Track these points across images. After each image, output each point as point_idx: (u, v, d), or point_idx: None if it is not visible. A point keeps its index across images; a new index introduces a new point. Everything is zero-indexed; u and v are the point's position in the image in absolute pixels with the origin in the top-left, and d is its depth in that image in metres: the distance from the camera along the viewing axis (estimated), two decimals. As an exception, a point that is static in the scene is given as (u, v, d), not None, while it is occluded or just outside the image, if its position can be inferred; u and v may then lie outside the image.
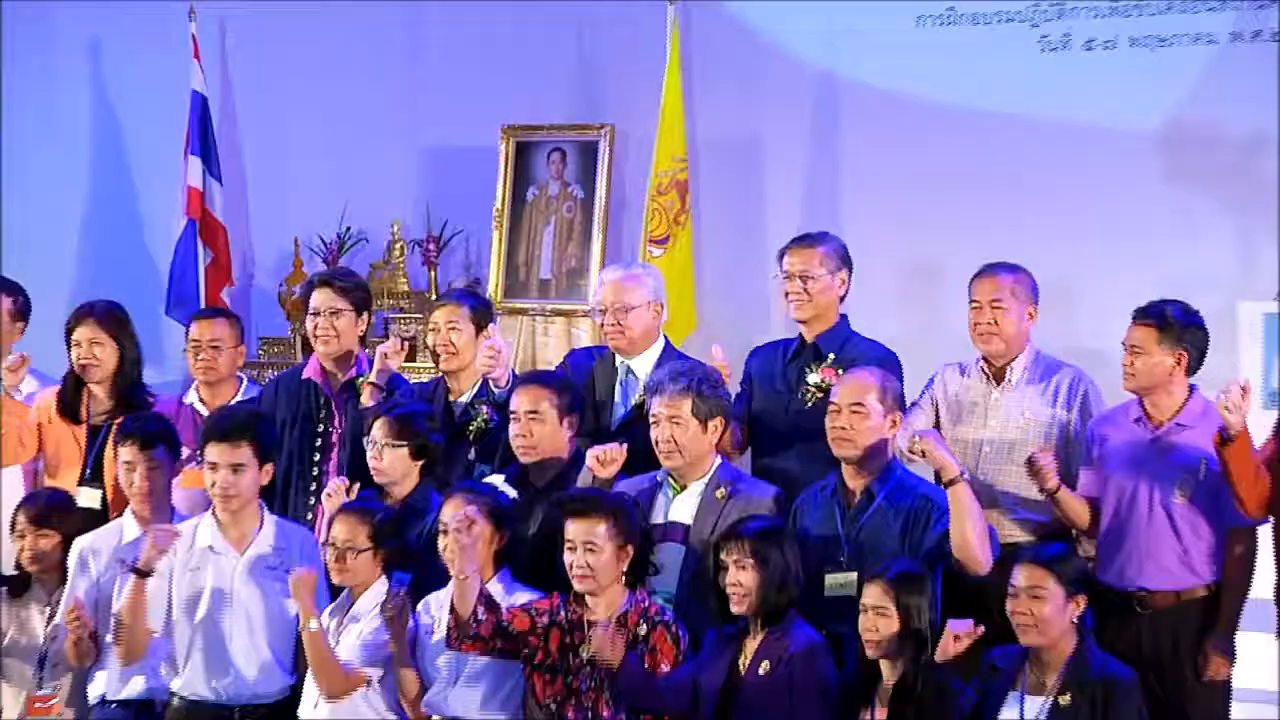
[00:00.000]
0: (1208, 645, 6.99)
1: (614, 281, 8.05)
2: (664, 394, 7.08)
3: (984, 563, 6.74)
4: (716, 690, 6.60)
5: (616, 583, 6.67)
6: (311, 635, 6.71)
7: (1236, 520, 7.07)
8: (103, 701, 7.22)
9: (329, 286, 8.13)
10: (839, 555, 6.80)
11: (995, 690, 6.38)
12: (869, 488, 6.89)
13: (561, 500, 6.92)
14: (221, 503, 7.05)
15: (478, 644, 6.60)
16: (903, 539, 6.80)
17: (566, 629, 6.66)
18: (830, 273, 7.75)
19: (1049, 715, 6.25)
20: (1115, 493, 7.16)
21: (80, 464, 8.03)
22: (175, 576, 7.05)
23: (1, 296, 8.61)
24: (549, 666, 6.65)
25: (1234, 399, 6.64)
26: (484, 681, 6.85)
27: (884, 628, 6.34)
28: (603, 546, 6.62)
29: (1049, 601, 6.30)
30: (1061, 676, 6.30)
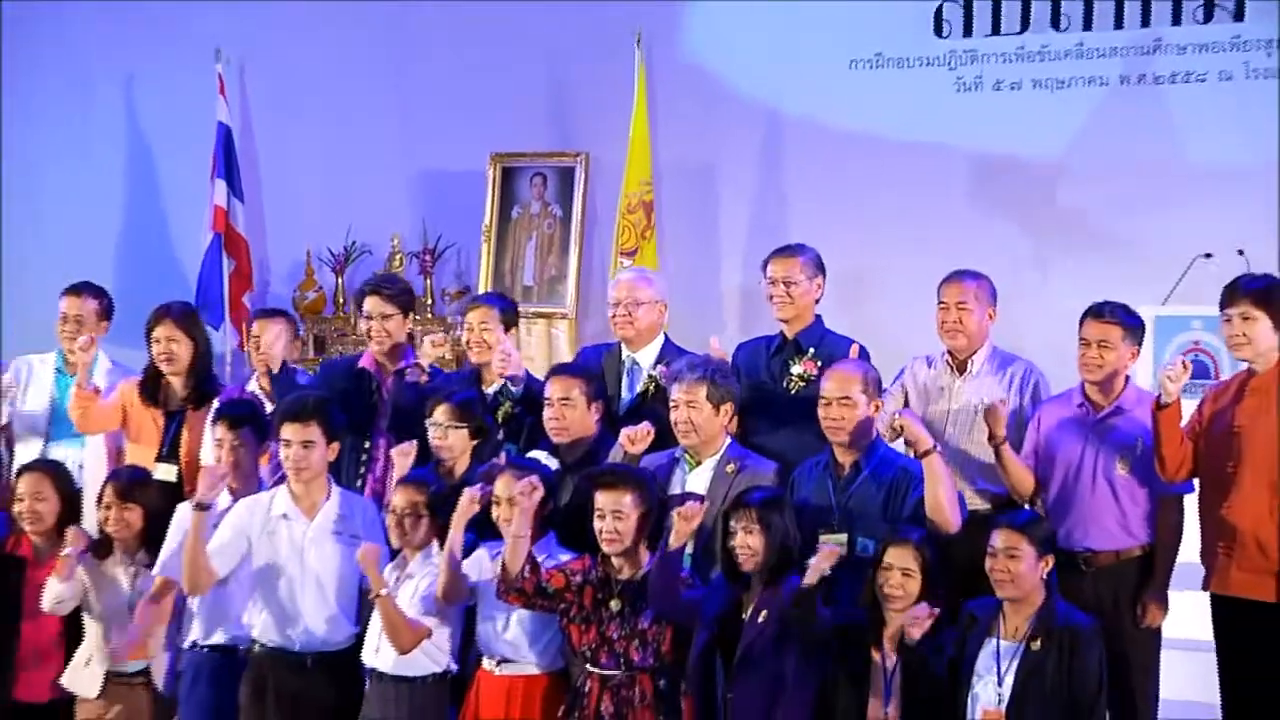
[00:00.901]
0: (1145, 597, 6.99)
1: (627, 280, 8.05)
2: (682, 382, 7.06)
3: (954, 523, 6.76)
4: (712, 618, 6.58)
5: (640, 545, 6.62)
6: (382, 600, 6.65)
7: (1167, 490, 7.08)
8: (193, 646, 7.15)
9: (378, 294, 8.03)
10: (831, 520, 6.79)
11: (974, 637, 6.35)
12: (856, 462, 6.88)
13: (593, 474, 6.87)
14: (294, 475, 6.99)
15: (519, 598, 6.57)
16: (885, 505, 6.80)
17: (598, 586, 6.62)
18: (809, 278, 7.72)
19: (1022, 657, 6.23)
20: (1063, 467, 7.14)
21: (158, 443, 7.95)
22: (254, 539, 6.98)
23: (89, 299, 8.50)
24: (583, 618, 6.62)
25: (1176, 371, 6.68)
26: (528, 628, 6.80)
27: (910, 587, 6.32)
28: (628, 514, 6.57)
29: (1023, 560, 6.28)
30: (1032, 624, 6.28)
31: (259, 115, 12.76)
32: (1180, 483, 7.05)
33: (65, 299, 8.51)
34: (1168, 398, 6.74)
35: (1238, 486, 6.78)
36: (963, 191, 11.40)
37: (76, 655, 7.26)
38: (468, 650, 7.03)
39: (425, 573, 6.81)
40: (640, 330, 7.87)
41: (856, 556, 6.68)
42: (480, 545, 6.93)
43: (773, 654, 6.45)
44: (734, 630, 6.55)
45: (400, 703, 6.85)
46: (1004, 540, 6.30)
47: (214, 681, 7.13)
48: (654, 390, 7.66)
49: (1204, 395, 7.11)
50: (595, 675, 6.61)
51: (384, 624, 6.70)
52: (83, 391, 8.13)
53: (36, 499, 7.32)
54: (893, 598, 6.34)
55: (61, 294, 8.56)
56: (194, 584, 6.93)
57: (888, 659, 6.38)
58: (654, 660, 6.57)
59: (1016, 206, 11.21)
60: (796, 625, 6.38)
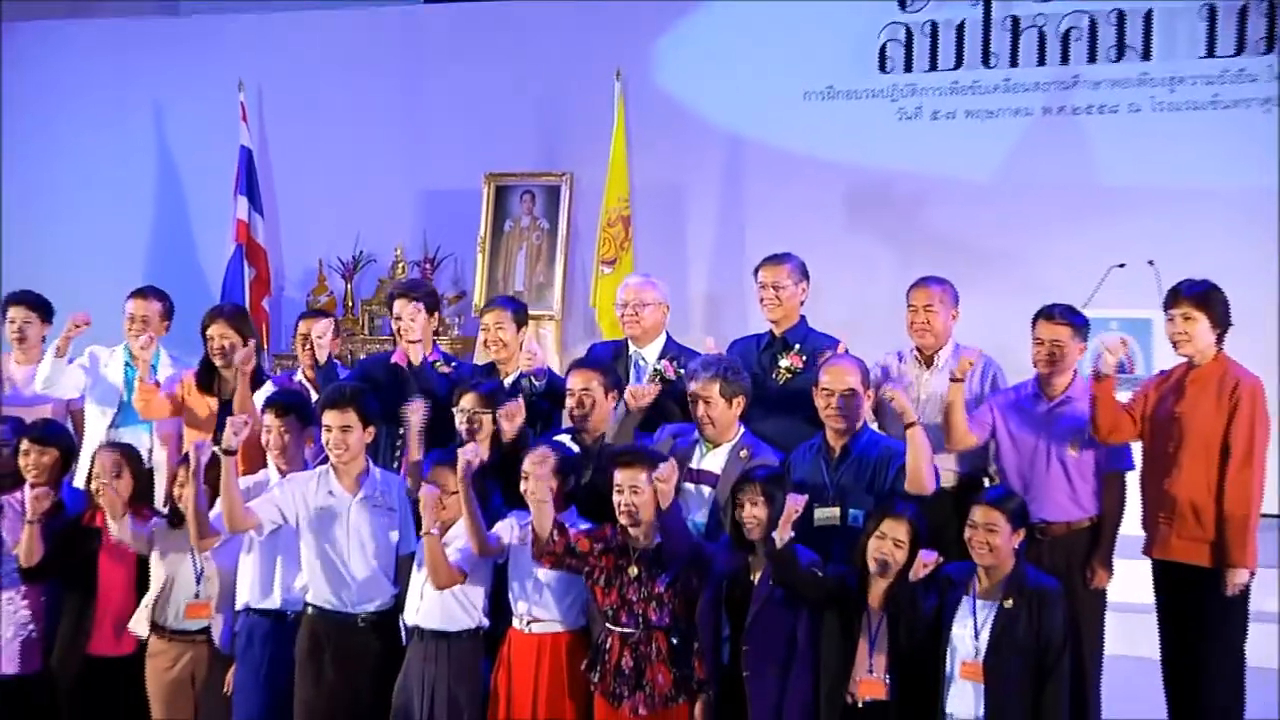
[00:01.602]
0: (1094, 561, 7.03)
1: (634, 285, 8.02)
2: (699, 379, 7.05)
3: (929, 488, 6.79)
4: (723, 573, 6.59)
5: (652, 517, 6.58)
6: (430, 538, 6.61)
7: (1111, 468, 7.13)
8: (247, 610, 7.12)
9: (406, 297, 7.97)
10: (825, 496, 6.78)
11: (952, 599, 6.35)
12: (846, 445, 6.87)
13: (613, 454, 6.83)
14: (334, 456, 6.95)
15: (550, 559, 6.56)
16: (871, 481, 6.80)
17: (617, 553, 6.59)
18: (794, 283, 7.72)
19: (996, 615, 6.24)
20: (1020, 449, 7.15)
21: (212, 428, 7.89)
22: (301, 514, 6.94)
23: (153, 300, 8.44)
24: (606, 581, 6.59)
25: (1113, 344, 6.80)
26: (554, 591, 6.80)
27: (900, 556, 6.32)
28: (644, 489, 6.51)
29: (1000, 533, 6.28)
30: (1004, 586, 6.28)
31: (275, 139, 12.74)
32: (1112, 445, 7.09)
33: (132, 301, 8.40)
34: (1106, 369, 6.84)
35: (1178, 465, 6.82)
36: (902, 209, 11.51)
37: (143, 602, 7.20)
38: (497, 612, 6.98)
39: (461, 537, 6.78)
40: (645, 329, 7.85)
41: (848, 526, 6.70)
42: (509, 514, 6.90)
43: (785, 614, 6.47)
44: (743, 592, 6.56)
45: (439, 657, 6.82)
46: (983, 516, 6.31)
47: (266, 642, 7.07)
48: (659, 382, 7.60)
49: (1148, 381, 7.17)
50: (616, 633, 6.59)
51: (427, 561, 6.66)
52: (144, 384, 8.06)
53: (112, 477, 7.26)
54: (884, 563, 6.35)
55: (128, 296, 8.45)
56: (230, 522, 6.88)
57: (874, 615, 6.38)
58: (669, 620, 6.55)
59: (951, 221, 11.32)
60: (778, 581, 6.40)
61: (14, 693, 7.29)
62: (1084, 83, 11.40)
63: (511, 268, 11.97)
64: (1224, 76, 11.12)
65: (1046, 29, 11.42)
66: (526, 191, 12.16)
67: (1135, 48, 11.25)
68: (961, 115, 11.67)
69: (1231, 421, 6.76)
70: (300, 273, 12.62)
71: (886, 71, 11.82)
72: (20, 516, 7.21)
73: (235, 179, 12.31)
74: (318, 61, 12.84)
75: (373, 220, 12.51)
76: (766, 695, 6.47)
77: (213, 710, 7.20)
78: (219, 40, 12.97)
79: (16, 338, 8.45)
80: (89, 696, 7.24)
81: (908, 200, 11.48)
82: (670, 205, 12.07)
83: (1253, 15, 11.01)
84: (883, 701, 6.34)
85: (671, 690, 6.55)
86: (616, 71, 11.68)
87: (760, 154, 12.04)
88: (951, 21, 11.64)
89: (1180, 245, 9.93)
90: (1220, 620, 6.84)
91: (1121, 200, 11.06)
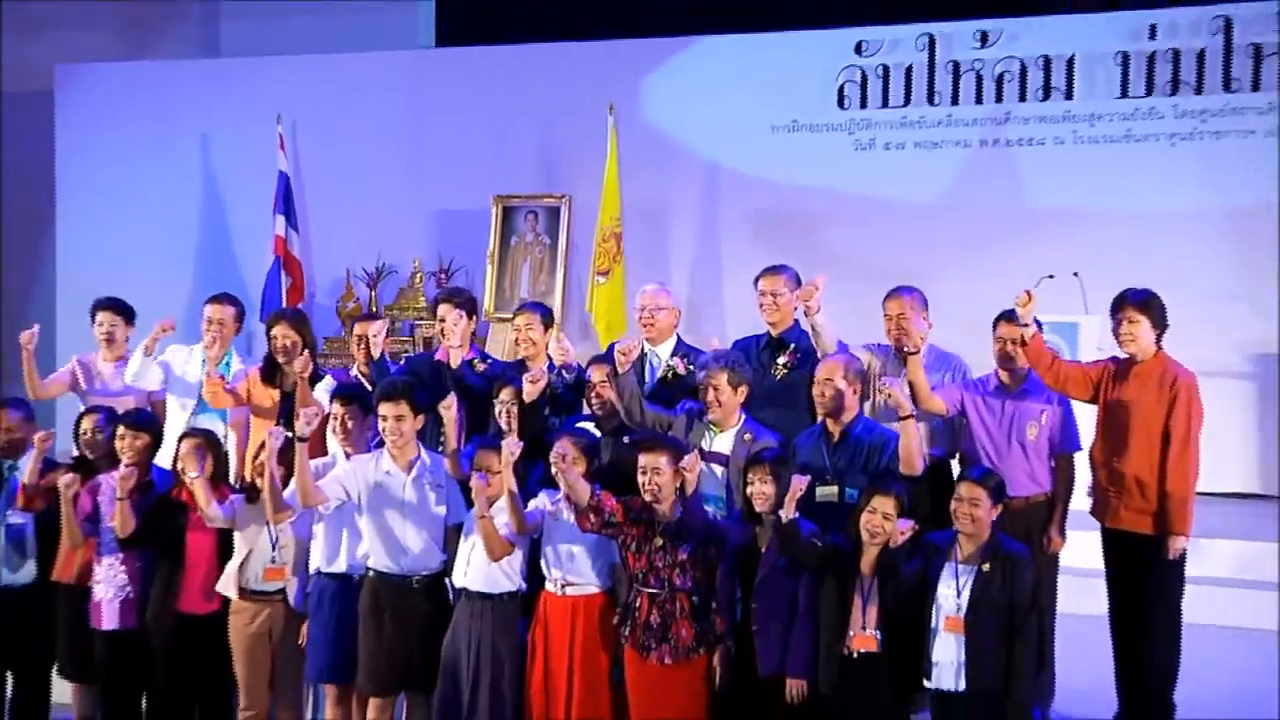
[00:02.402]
0: (1050, 530, 7.10)
1: (651, 293, 7.99)
2: (710, 369, 7.07)
3: (919, 470, 6.82)
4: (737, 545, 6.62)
5: (674, 494, 6.61)
6: (484, 522, 6.63)
7: (1063, 450, 7.20)
8: (318, 573, 7.12)
9: (449, 302, 7.97)
10: (826, 475, 6.78)
11: (936, 563, 6.37)
12: (844, 430, 6.89)
13: (636, 440, 6.89)
14: (389, 442, 6.97)
15: (596, 515, 6.56)
16: (866, 463, 6.81)
17: (645, 525, 6.59)
18: (790, 290, 7.68)
19: (975, 578, 6.27)
20: (986, 434, 7.18)
21: (275, 417, 7.88)
22: (363, 490, 6.95)
23: (228, 306, 8.42)
24: (636, 548, 6.60)
25: (1022, 299, 6.92)
26: (590, 551, 6.82)
27: (888, 527, 6.35)
28: (664, 471, 6.54)
29: (982, 506, 6.31)
30: (982, 552, 6.31)
31: (308, 165, 12.69)
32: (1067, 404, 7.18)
33: (210, 306, 8.40)
34: (1025, 321, 6.95)
35: (1127, 446, 6.91)
36: (858, 228, 11.54)
37: (228, 568, 7.21)
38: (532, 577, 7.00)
39: (501, 508, 6.79)
40: (660, 330, 7.84)
41: (845, 502, 6.71)
42: (542, 492, 6.93)
43: (788, 579, 6.50)
44: (751, 560, 6.59)
45: (483, 615, 6.84)
46: (968, 491, 6.34)
47: (334, 601, 7.09)
48: (671, 376, 7.65)
49: (1108, 361, 7.18)
50: (644, 594, 6.61)
51: (482, 539, 6.69)
52: (212, 379, 8.07)
53: (200, 463, 7.23)
54: (875, 534, 6.38)
55: (206, 302, 8.45)
56: (303, 498, 6.91)
57: (866, 579, 6.40)
58: (690, 583, 6.57)
59: (901, 239, 11.34)
60: (783, 550, 6.43)
61: (114, 645, 7.29)
62: (1015, 119, 11.50)
63: (517, 278, 11.98)
64: (1135, 114, 11.24)
65: (983, 72, 11.52)
66: (530, 211, 12.16)
67: (1060, 89, 11.35)
68: (910, 146, 11.76)
69: (1171, 411, 6.84)
70: (329, 282, 12.59)
71: (844, 108, 11.90)
72: (115, 493, 7.20)
73: (274, 200, 12.29)
74: (345, 98, 12.82)
75: (393, 236, 12.48)
76: (772, 648, 6.49)
77: (288, 661, 7.24)
78: (257, 79, 12.93)
79: (105, 338, 8.42)
80: (179, 649, 7.24)
81: (863, 220, 11.53)
82: (656, 223, 12.09)
83: (1159, 63, 11.13)
84: (874, 653, 6.37)
85: (693, 642, 6.57)
86: (609, 106, 11.65)
87: (734, 179, 12.10)
88: (901, 65, 11.72)
89: (1100, 259, 10.02)
90: (1161, 581, 6.92)
91: (1048, 220, 11.15)
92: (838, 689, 6.42)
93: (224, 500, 7.23)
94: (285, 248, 12.22)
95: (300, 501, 6.94)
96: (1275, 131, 10.87)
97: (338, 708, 7.19)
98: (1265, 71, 10.91)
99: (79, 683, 7.54)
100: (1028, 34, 11.43)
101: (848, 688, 6.40)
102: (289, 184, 12.32)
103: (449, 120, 12.68)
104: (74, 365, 8.38)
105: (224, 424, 8.17)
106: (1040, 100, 11.42)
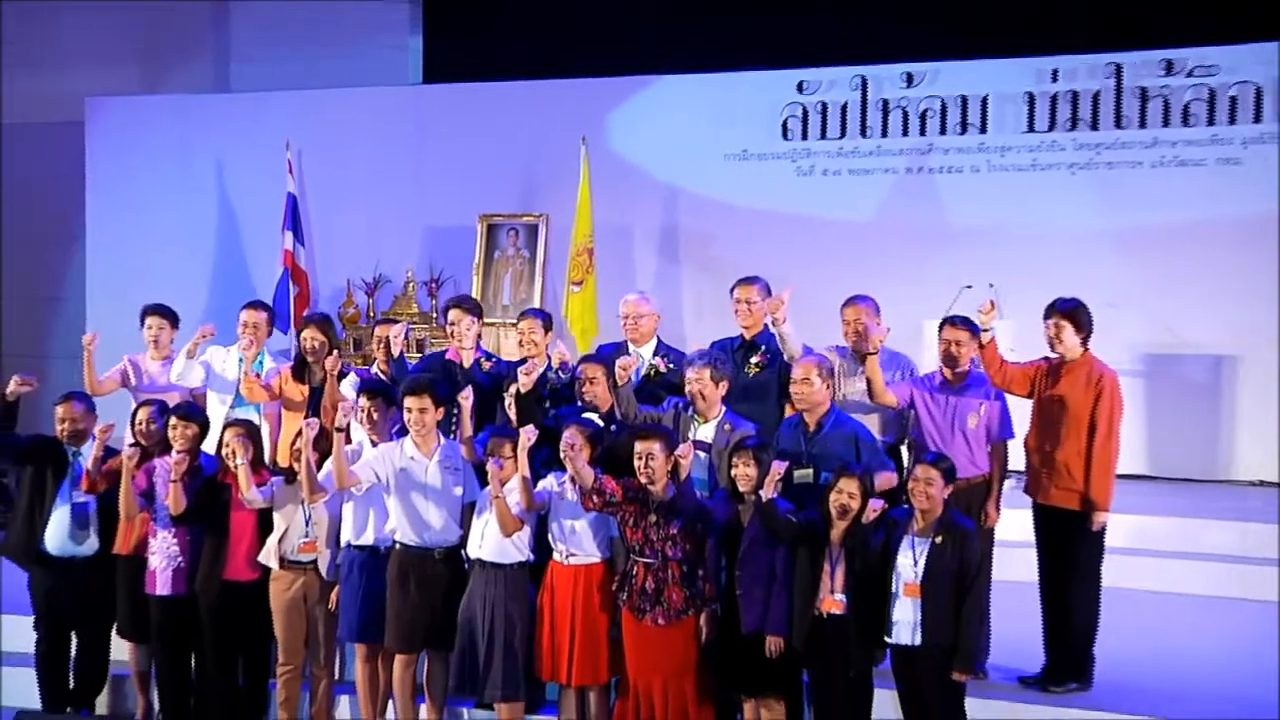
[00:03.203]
0: (987, 506, 7.12)
1: (634, 300, 8.00)
2: (694, 366, 7.11)
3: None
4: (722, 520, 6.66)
5: (666, 477, 6.64)
6: (499, 501, 6.65)
7: (999, 438, 7.22)
8: (347, 546, 7.13)
9: (458, 307, 7.97)
10: (803, 460, 6.82)
11: (896, 536, 6.45)
12: (820, 421, 6.91)
13: (635, 429, 6.91)
14: (414, 430, 6.97)
15: (598, 496, 6.61)
16: (840, 451, 6.81)
17: (641, 503, 6.63)
18: (762, 299, 7.70)
19: (930, 547, 6.34)
20: (932, 424, 7.21)
21: (304, 409, 7.87)
22: (391, 474, 6.96)
23: (261, 311, 8.39)
24: (633, 523, 6.65)
25: (985, 308, 7.03)
26: (591, 526, 6.85)
27: (854, 505, 6.40)
28: (658, 456, 6.59)
29: (935, 486, 6.37)
30: (935, 526, 6.38)
31: (313, 186, 12.57)
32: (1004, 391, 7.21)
33: (245, 311, 8.36)
34: (984, 330, 7.06)
35: (1059, 435, 7.00)
36: (800, 249, 11.49)
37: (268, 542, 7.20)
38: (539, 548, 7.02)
39: (513, 488, 6.80)
40: (643, 333, 7.84)
41: (820, 484, 6.73)
42: (550, 474, 6.95)
43: (767, 549, 6.55)
44: (735, 533, 6.64)
45: (496, 582, 6.88)
46: (924, 473, 6.40)
47: (362, 570, 7.10)
48: (654, 374, 7.66)
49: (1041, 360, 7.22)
50: (640, 563, 6.66)
51: (497, 517, 6.71)
52: (249, 376, 8.07)
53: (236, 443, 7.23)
54: (842, 511, 6.45)
55: (242, 307, 8.40)
56: (339, 480, 6.94)
57: (835, 550, 6.47)
58: (681, 554, 6.62)
59: (839, 255, 11.34)
60: (764, 526, 6.48)
61: (167, 609, 7.30)
62: (936, 149, 11.60)
63: (500, 287, 11.94)
64: (1040, 147, 11.37)
65: (909, 109, 11.62)
66: (512, 228, 12.13)
67: (975, 124, 11.47)
68: (845, 173, 11.84)
69: (1096, 404, 6.93)
70: (331, 290, 12.51)
71: (787, 139, 11.95)
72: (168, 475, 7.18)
73: (283, 218, 12.17)
74: (346, 128, 12.77)
75: (389, 249, 12.44)
76: (754, 610, 6.55)
77: (321, 622, 7.27)
78: (267, 111, 12.86)
79: (153, 340, 8.37)
80: (224, 612, 7.26)
81: (805, 237, 11.57)
82: (623, 240, 12.10)
83: (1060, 103, 11.27)
84: (841, 615, 6.44)
85: (683, 605, 6.63)
86: (582, 137, 11.65)
87: (691, 202, 12.12)
88: (837, 102, 11.80)
89: (1011, 272, 10.10)
90: (1085, 551, 7.02)
91: (965, 238, 11.25)
92: (810, 645, 6.50)
93: (262, 483, 7.23)
94: (293, 260, 12.11)
95: (336, 484, 6.95)
96: (1160, 163, 11.04)
97: (366, 664, 7.22)
98: (1150, 111, 11.08)
99: (136, 642, 7.54)
100: (947, 76, 11.52)
101: (819, 644, 6.48)
102: (296, 204, 12.21)
103: (439, 148, 12.63)
104: (125, 364, 8.33)
105: (258, 415, 8.13)
106: (958, 134, 11.52)
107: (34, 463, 7.45)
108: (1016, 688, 7.04)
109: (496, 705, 6.98)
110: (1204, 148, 10.98)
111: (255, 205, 12.89)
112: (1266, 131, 10.82)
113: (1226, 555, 9.12)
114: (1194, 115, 10.98)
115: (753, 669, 6.60)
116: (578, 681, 6.87)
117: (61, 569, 7.41)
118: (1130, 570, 8.51)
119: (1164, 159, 11.07)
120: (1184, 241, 10.95)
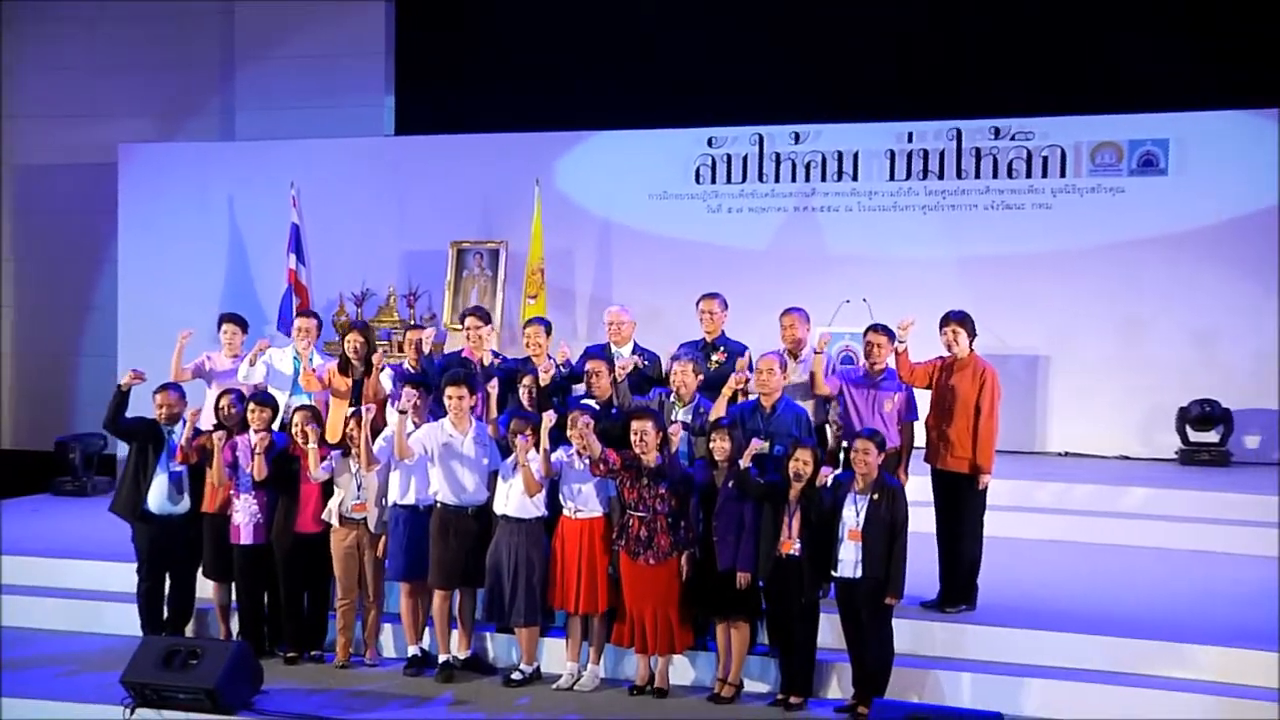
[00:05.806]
0: (898, 471, 7.28)
1: (616, 311, 8.11)
2: (680, 360, 7.33)
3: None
4: (701, 483, 6.89)
5: (656, 450, 6.86)
6: (525, 469, 6.86)
7: (907, 419, 7.52)
8: (394, 505, 7.26)
9: (474, 315, 8.11)
10: (761, 435, 7.01)
11: (841, 494, 6.65)
12: (774, 405, 7.15)
13: (630, 410, 7.13)
14: (453, 413, 7.15)
15: (598, 470, 6.84)
16: (791, 428, 7.07)
17: (635, 470, 6.86)
18: (722, 309, 7.88)
19: (869, 503, 6.56)
20: (855, 409, 7.44)
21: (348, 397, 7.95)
22: (435, 447, 7.14)
23: (312, 319, 8.43)
24: (629, 485, 6.87)
25: (905, 323, 7.29)
26: (594, 488, 7.04)
27: (807, 471, 6.65)
28: (650, 433, 6.82)
29: (870, 454, 6.60)
30: (872, 486, 6.61)
31: (311, 217, 12.42)
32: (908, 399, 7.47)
33: (299, 319, 8.45)
34: (901, 344, 7.32)
35: (952, 416, 7.36)
36: (709, 271, 11.31)
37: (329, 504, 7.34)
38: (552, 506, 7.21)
39: (532, 457, 7.00)
40: (624, 337, 7.99)
41: (775, 454, 7.01)
42: (560, 447, 7.11)
43: (738, 505, 6.82)
44: (711, 493, 6.92)
45: (518, 533, 7.08)
46: (862, 445, 6.66)
47: (406, 525, 7.27)
48: (632, 370, 7.75)
49: (937, 359, 7.50)
50: (635, 517, 6.90)
51: (524, 480, 6.92)
52: (306, 371, 8.17)
53: (305, 424, 7.35)
54: (798, 475, 6.72)
55: (296, 315, 8.51)
56: (399, 452, 7.10)
57: (792, 505, 6.73)
58: (667, 509, 6.88)
59: (741, 277, 11.14)
60: (738, 488, 6.77)
61: (248, 556, 7.45)
62: (819, 193, 11.87)
63: (468, 300, 11.86)
64: (899, 192, 11.67)
65: (797, 160, 11.91)
66: (477, 252, 12.17)
67: (849, 173, 11.81)
68: (745, 210, 12.03)
69: (980, 392, 7.33)
70: (325, 301, 12.37)
71: (699, 183, 12.11)
72: (249, 449, 7.32)
73: (287, 243, 12.10)
74: (338, 170, 12.72)
75: (374, 269, 12.36)
76: (727, 552, 6.83)
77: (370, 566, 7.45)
78: (271, 156, 12.75)
79: (228, 342, 8.41)
80: (295, 558, 7.42)
81: (713, 263, 11.69)
82: (566, 264, 12.18)
83: (915, 158, 11.66)
84: (797, 556, 6.73)
85: (669, 549, 6.91)
86: (536, 180, 11.75)
87: (621, 233, 12.24)
88: (739, 154, 12.03)
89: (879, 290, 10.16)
90: (973, 505, 7.42)
91: (842, 263, 11.54)
92: (771, 579, 6.80)
93: (323, 458, 7.34)
94: (295, 278, 12.07)
95: (397, 456, 7.10)
96: (991, 206, 11.51)
97: (409, 598, 7.38)
98: (984, 165, 11.54)
99: (219, 581, 7.65)
100: (827, 135, 11.82)
101: (779, 578, 6.78)
102: (299, 231, 12.17)
103: (416, 186, 12.64)
104: (203, 359, 8.37)
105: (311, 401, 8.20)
106: (835, 180, 11.81)
107: (138, 439, 7.53)
108: (920, 610, 7.38)
109: (518, 630, 7.19)
110: (1023, 195, 11.49)
111: (258, 233, 12.76)
112: (1070, 184, 11.38)
113: (1052, 509, 9.70)
114: (1016, 170, 11.49)
115: (724, 598, 6.88)
116: (584, 610, 7.09)
117: (161, 524, 7.51)
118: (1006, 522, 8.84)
119: (994, 204, 11.57)
120: (1009, 268, 11.42)
